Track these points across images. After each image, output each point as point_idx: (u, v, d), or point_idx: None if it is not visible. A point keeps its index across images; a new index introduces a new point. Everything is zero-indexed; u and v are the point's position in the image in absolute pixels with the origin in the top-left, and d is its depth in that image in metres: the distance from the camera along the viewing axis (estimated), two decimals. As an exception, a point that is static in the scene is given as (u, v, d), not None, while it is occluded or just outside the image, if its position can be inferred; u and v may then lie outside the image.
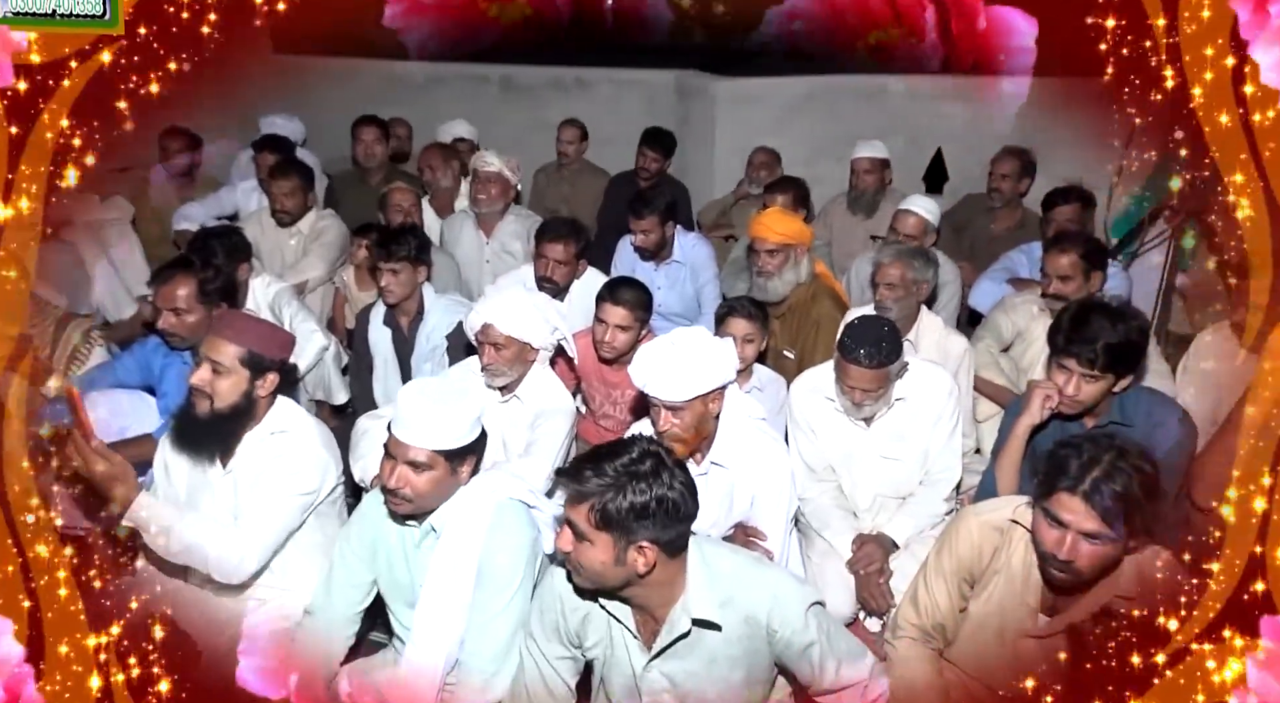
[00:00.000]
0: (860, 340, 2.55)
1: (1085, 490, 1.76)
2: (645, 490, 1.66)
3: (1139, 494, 1.75)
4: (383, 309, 3.35)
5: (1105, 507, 1.74)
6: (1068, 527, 1.78)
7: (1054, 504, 1.80)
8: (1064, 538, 1.78)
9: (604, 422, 3.26)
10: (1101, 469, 1.76)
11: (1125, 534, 1.78)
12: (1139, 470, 1.76)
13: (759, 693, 1.83)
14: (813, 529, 2.75)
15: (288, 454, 2.19)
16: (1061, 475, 1.79)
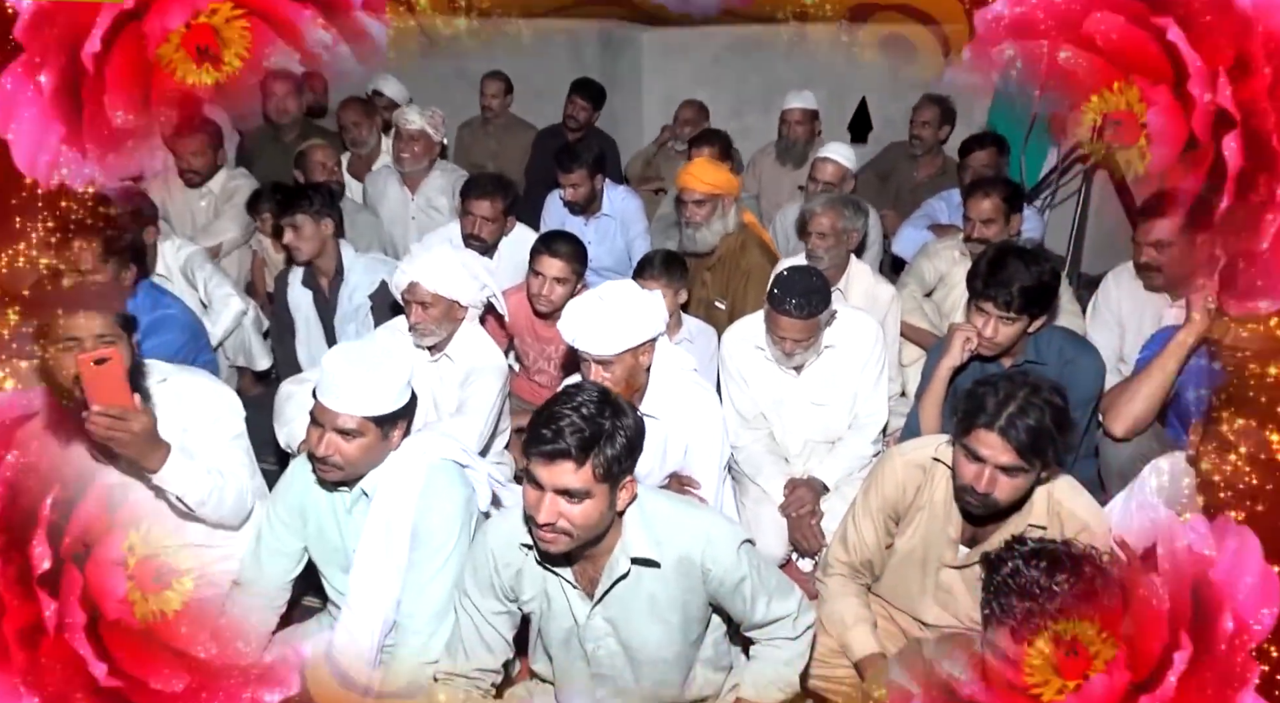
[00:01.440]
0: (790, 291, 2.58)
1: (1001, 426, 1.84)
2: (624, 428, 1.67)
3: (1051, 428, 1.84)
4: (301, 270, 3.26)
5: (1020, 441, 1.83)
6: (985, 461, 1.86)
7: (972, 440, 1.88)
8: (982, 472, 1.87)
9: (538, 378, 3.26)
10: (1016, 405, 1.84)
11: (1038, 465, 1.87)
12: (1051, 405, 1.85)
13: (695, 632, 1.88)
14: (746, 476, 2.82)
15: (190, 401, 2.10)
16: (979, 413, 1.87)
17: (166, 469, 1.94)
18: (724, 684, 1.99)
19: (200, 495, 2.00)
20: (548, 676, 1.96)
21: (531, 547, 1.80)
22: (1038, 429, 1.83)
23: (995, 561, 1.47)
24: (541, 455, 1.65)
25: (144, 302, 2.73)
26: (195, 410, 2.11)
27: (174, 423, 2.13)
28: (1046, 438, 1.83)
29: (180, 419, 2.12)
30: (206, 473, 2.01)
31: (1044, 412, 1.84)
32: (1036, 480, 1.92)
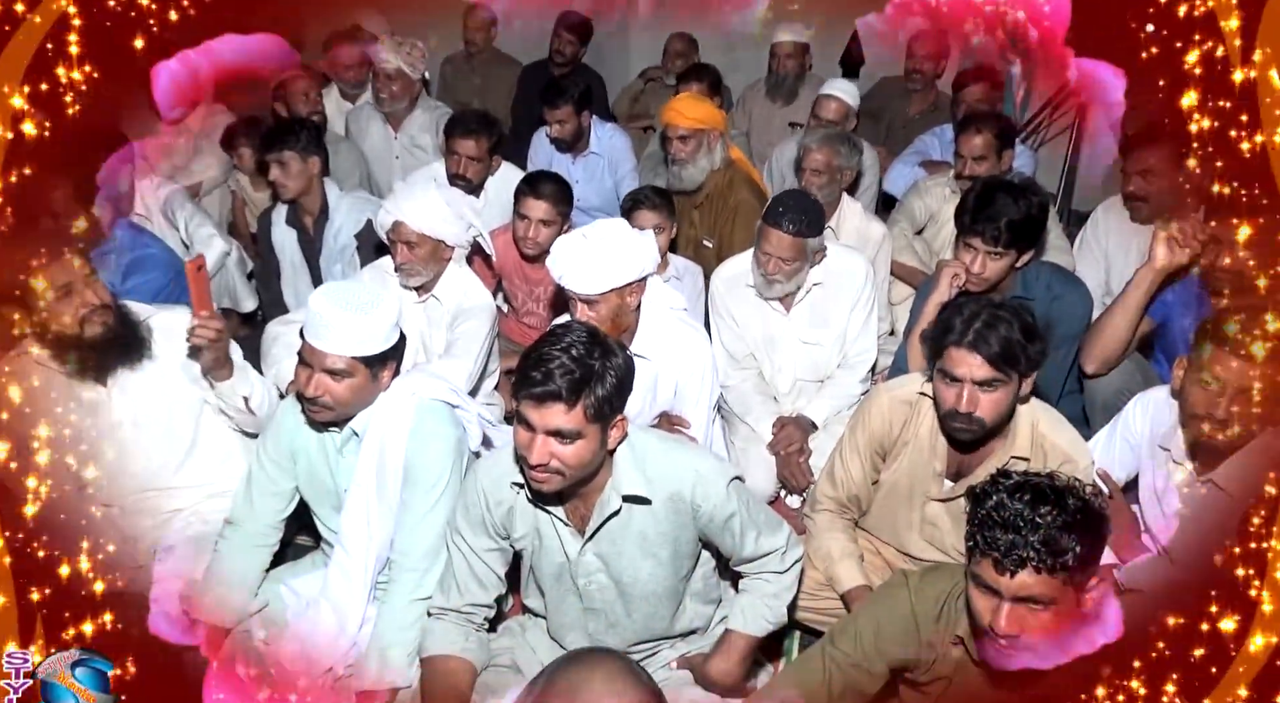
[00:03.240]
0: (786, 206, 2.60)
1: (970, 341, 1.87)
2: (614, 368, 1.67)
3: (1020, 338, 1.87)
4: (285, 209, 3.20)
5: (992, 352, 1.86)
6: (962, 380, 1.89)
7: (947, 362, 1.91)
8: (961, 391, 1.89)
9: (528, 319, 3.24)
10: (982, 321, 1.88)
11: (1016, 377, 1.90)
12: (1017, 317, 1.89)
13: (684, 568, 1.91)
14: (735, 415, 2.83)
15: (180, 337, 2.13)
16: (948, 333, 1.90)
17: (238, 375, 2.11)
18: (713, 617, 2.03)
19: (259, 397, 2.18)
20: (540, 610, 1.99)
21: (523, 486, 1.82)
22: (1007, 339, 1.86)
23: (980, 494, 1.49)
24: (532, 398, 1.65)
25: (124, 241, 2.69)
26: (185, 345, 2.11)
27: (169, 360, 2.14)
28: (1017, 347, 1.87)
29: (174, 356, 2.13)
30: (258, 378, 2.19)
31: (1011, 323, 1.88)
32: (1016, 399, 1.95)
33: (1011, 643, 1.44)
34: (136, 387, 2.16)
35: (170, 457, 2.23)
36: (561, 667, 1.16)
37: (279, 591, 2.10)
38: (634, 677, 1.16)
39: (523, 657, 1.96)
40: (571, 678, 1.13)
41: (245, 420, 2.23)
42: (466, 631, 1.90)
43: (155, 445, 2.20)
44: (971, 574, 1.49)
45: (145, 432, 2.19)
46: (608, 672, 1.14)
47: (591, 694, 1.11)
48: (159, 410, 2.19)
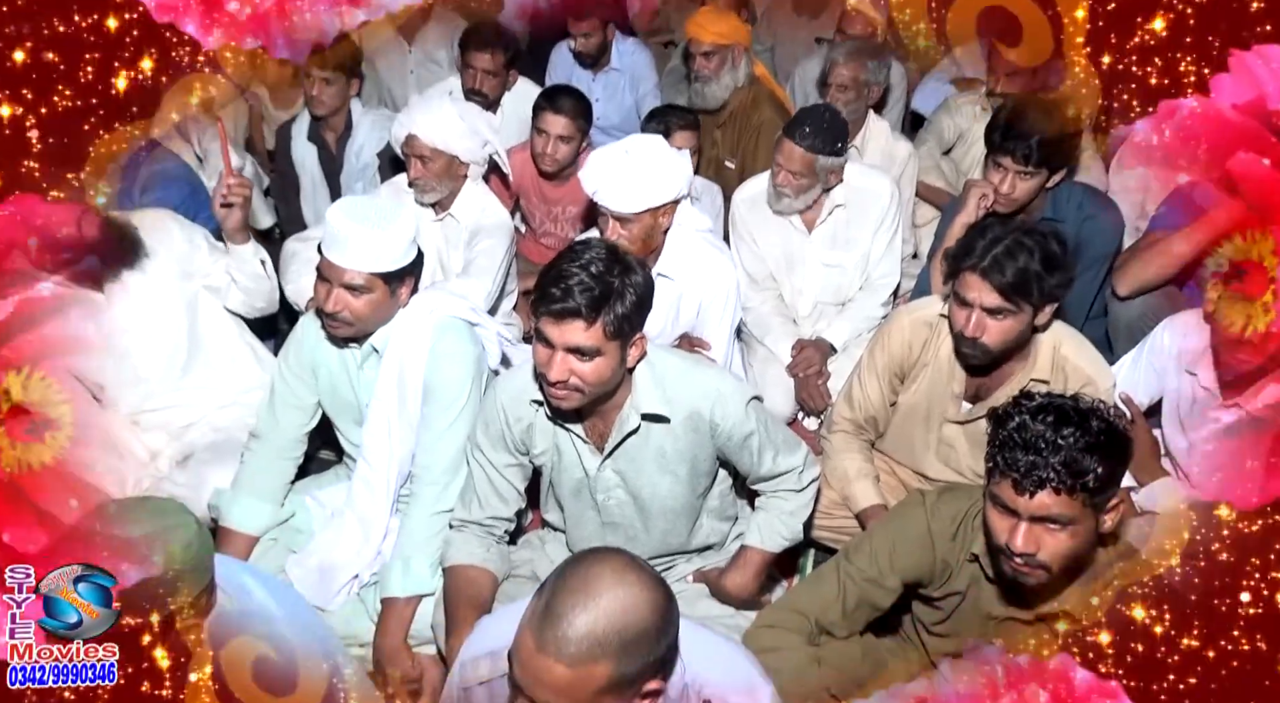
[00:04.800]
0: (803, 118, 2.55)
1: (984, 267, 1.83)
2: (633, 286, 1.66)
3: (1039, 269, 1.83)
4: (305, 125, 3.16)
5: (1004, 282, 1.83)
6: (972, 305, 1.86)
7: (960, 284, 1.88)
8: (969, 316, 1.87)
9: (545, 239, 3.21)
10: (1003, 247, 1.83)
11: (1029, 308, 1.86)
12: (1041, 247, 1.83)
13: (702, 485, 1.93)
14: (754, 337, 2.82)
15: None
16: (967, 256, 1.86)
17: (252, 242, 2.24)
18: (729, 533, 2.06)
19: (267, 269, 2.30)
20: (559, 525, 2.02)
21: (542, 403, 1.82)
22: (1024, 269, 1.82)
23: (1001, 415, 1.48)
24: (551, 314, 1.64)
25: (141, 156, 2.66)
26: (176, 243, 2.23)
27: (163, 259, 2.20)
28: (1033, 278, 1.83)
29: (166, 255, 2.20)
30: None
31: (1032, 253, 1.83)
32: (1031, 328, 1.92)
33: (1027, 561, 1.45)
34: (134, 289, 2.20)
35: (175, 358, 2.27)
36: (570, 565, 1.19)
37: (304, 502, 2.15)
38: (641, 570, 1.19)
39: (542, 569, 2.00)
40: (581, 574, 1.16)
41: (258, 290, 2.31)
42: (487, 542, 1.94)
43: (158, 348, 2.25)
44: (990, 494, 1.49)
45: (147, 334, 2.23)
46: (616, 566, 1.17)
47: (601, 587, 1.14)
48: (158, 311, 2.24)
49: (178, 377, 2.28)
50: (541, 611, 1.15)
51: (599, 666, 1.12)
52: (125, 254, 2.16)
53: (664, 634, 1.18)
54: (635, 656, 1.14)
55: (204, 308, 2.31)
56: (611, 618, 1.13)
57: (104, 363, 2.19)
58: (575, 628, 1.12)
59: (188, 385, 2.29)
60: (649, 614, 1.15)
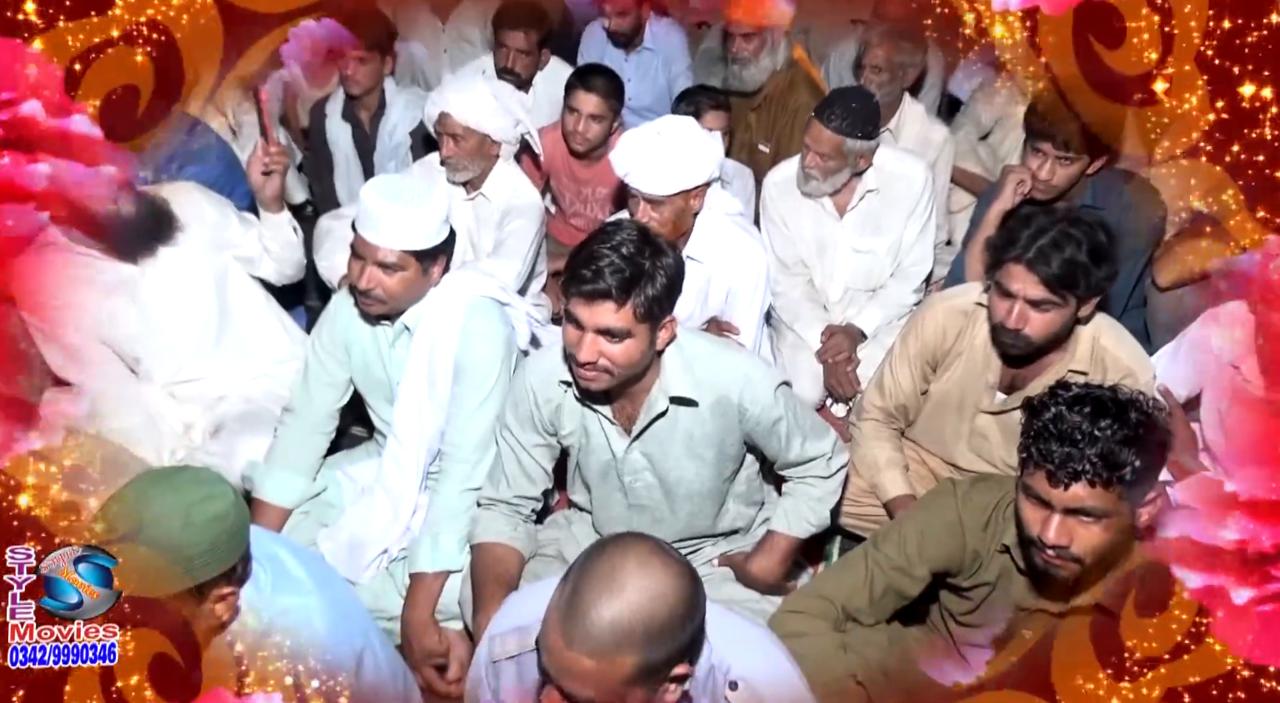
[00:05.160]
0: (834, 100, 2.52)
1: (1030, 259, 1.80)
2: (664, 268, 1.65)
3: (1086, 261, 1.79)
4: (340, 103, 3.17)
5: (1049, 273, 1.79)
6: (1015, 296, 1.83)
7: (1003, 275, 1.85)
8: (1012, 307, 1.84)
9: (575, 220, 3.21)
10: (1049, 238, 1.79)
11: (1074, 301, 1.83)
12: (1089, 238, 1.79)
13: (729, 469, 1.93)
14: (783, 323, 2.80)
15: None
16: (1010, 246, 1.83)
17: (286, 210, 2.31)
18: (755, 518, 2.06)
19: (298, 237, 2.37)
20: (586, 505, 2.03)
21: (571, 384, 1.83)
22: (1070, 261, 1.78)
23: (1037, 406, 1.45)
24: (581, 296, 1.64)
25: (177, 129, 2.69)
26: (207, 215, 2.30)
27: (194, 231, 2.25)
28: (1079, 270, 1.79)
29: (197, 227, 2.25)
30: None
31: (1080, 244, 1.78)
32: (1074, 320, 1.89)
33: (1060, 554, 1.43)
34: (166, 261, 2.23)
35: (206, 330, 2.30)
36: (594, 554, 1.19)
37: (336, 477, 2.18)
38: (665, 557, 1.18)
39: (568, 549, 2.01)
40: (605, 564, 1.16)
41: (290, 258, 2.38)
42: (515, 521, 1.95)
43: (191, 320, 2.28)
44: (1023, 485, 1.47)
45: (180, 307, 2.27)
46: (639, 555, 1.17)
47: (625, 577, 1.14)
48: (191, 284, 2.27)
49: (210, 349, 2.32)
50: (567, 603, 1.14)
51: (626, 657, 1.12)
52: (159, 228, 2.20)
53: (690, 620, 1.18)
54: (662, 644, 1.14)
55: (234, 281, 2.35)
56: (637, 609, 1.12)
57: (139, 335, 2.24)
58: (601, 621, 1.12)
59: (219, 357, 2.33)
60: (674, 602, 1.15)
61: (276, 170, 2.27)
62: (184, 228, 2.24)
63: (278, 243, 2.34)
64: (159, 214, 2.21)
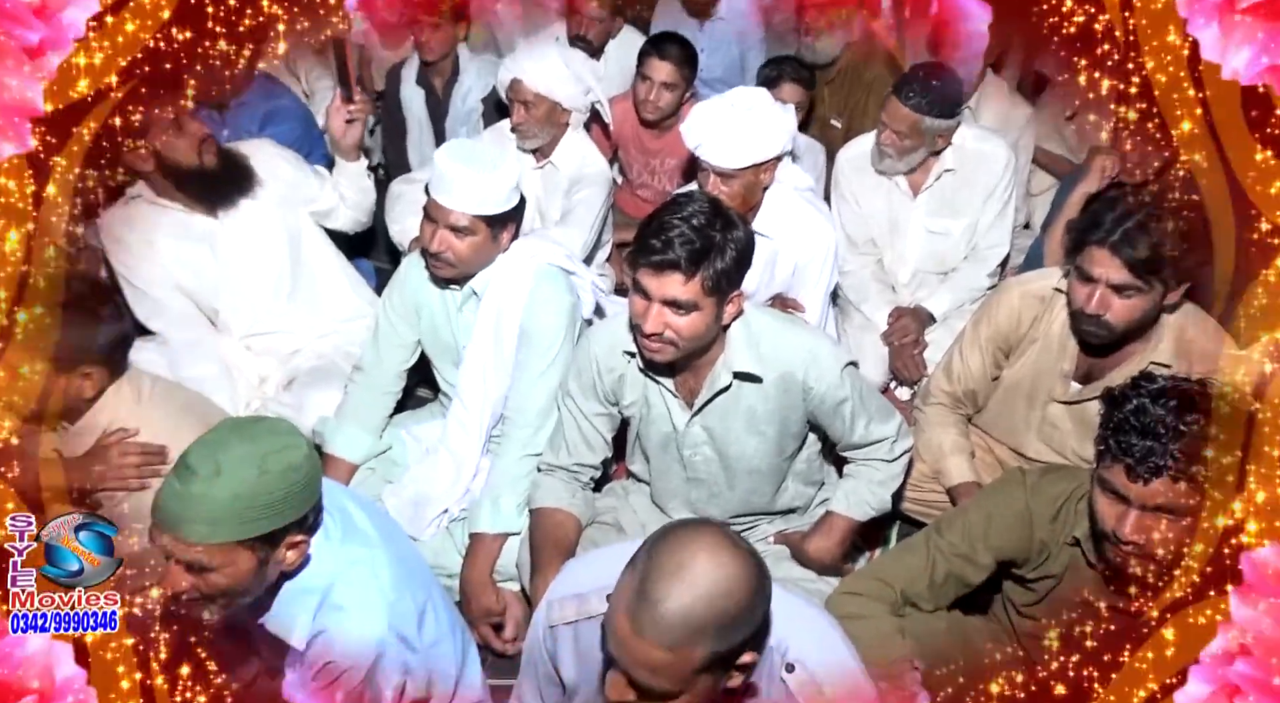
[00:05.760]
0: (913, 76, 2.46)
1: (1114, 242, 1.73)
2: (734, 242, 1.64)
3: (1174, 245, 1.71)
4: (415, 68, 3.20)
5: (1133, 258, 1.72)
6: (1097, 281, 1.76)
7: (1085, 259, 1.78)
8: (1093, 292, 1.77)
9: (641, 191, 3.19)
10: (1135, 221, 1.72)
11: (1159, 287, 1.76)
12: (1178, 221, 1.70)
13: (790, 447, 1.91)
14: (850, 302, 2.76)
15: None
16: (1094, 229, 1.76)
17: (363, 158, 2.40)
18: (814, 498, 2.04)
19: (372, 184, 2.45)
20: (644, 476, 2.04)
21: (634, 355, 1.83)
22: (1157, 246, 1.71)
23: (1119, 397, 1.40)
24: (650, 266, 1.63)
25: (258, 90, 2.76)
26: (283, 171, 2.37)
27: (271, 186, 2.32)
28: (1166, 256, 1.71)
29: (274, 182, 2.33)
30: None
31: (1168, 229, 1.70)
32: (1159, 308, 1.81)
33: (1136, 550, 1.38)
34: (245, 215, 2.30)
35: (281, 285, 2.37)
36: (663, 542, 1.17)
37: (401, 436, 2.23)
38: (735, 546, 1.17)
39: (625, 518, 2.03)
40: (675, 554, 1.14)
41: (364, 204, 2.45)
42: (573, 488, 1.97)
43: (267, 274, 2.35)
44: (1099, 478, 1.42)
45: (257, 260, 2.33)
46: (709, 545, 1.15)
47: (697, 568, 1.13)
48: (267, 238, 2.34)
49: (284, 303, 2.39)
50: (636, 591, 1.13)
51: (697, 648, 1.12)
52: (240, 181, 2.27)
53: (758, 610, 1.18)
54: (732, 635, 1.14)
55: (307, 237, 2.42)
56: (709, 602, 1.11)
57: (217, 287, 2.31)
58: (673, 613, 1.11)
59: (293, 312, 2.40)
60: (745, 594, 1.14)
61: (359, 119, 2.33)
62: (262, 183, 2.31)
63: (354, 190, 2.41)
64: (240, 168, 2.27)
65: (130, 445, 1.72)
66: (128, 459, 1.70)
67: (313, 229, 2.43)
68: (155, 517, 1.28)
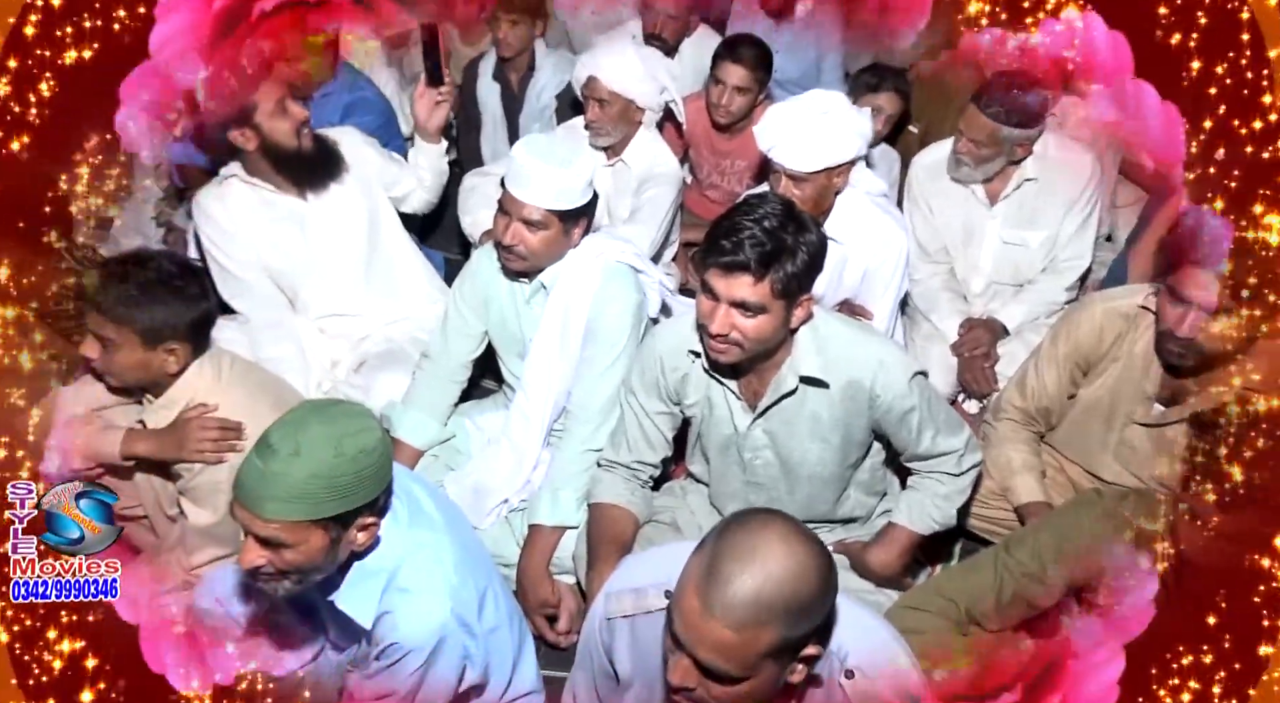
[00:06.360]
0: (993, 84, 2.39)
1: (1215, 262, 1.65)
2: (806, 245, 1.63)
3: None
4: (492, 63, 3.24)
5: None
6: (1190, 303, 1.69)
7: (1178, 279, 1.70)
8: (1185, 315, 1.70)
9: (710, 192, 3.18)
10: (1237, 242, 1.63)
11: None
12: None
13: (854, 456, 1.88)
14: (919, 311, 2.70)
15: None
16: (1191, 248, 1.67)
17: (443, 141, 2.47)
18: (875, 508, 2.01)
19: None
20: (703, 477, 2.03)
21: (699, 355, 1.82)
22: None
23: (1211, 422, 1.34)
24: (719, 267, 1.62)
25: (342, 82, 2.84)
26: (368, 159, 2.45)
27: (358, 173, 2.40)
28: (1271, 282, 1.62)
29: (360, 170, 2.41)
30: None
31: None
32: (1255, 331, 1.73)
33: None
34: (332, 198, 2.36)
35: (358, 269, 2.43)
36: (734, 526, 1.18)
37: (465, 425, 2.26)
38: (806, 535, 1.17)
39: (682, 517, 2.02)
40: (747, 537, 1.15)
41: (438, 185, 2.53)
42: (632, 485, 1.97)
43: (346, 258, 2.41)
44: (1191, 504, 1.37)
45: (338, 243, 2.39)
46: (781, 531, 1.16)
47: (769, 552, 1.13)
48: (349, 222, 2.39)
49: (360, 287, 2.45)
50: (706, 571, 1.14)
51: (765, 631, 1.12)
52: (330, 165, 2.34)
53: (827, 600, 1.17)
54: (801, 621, 1.14)
55: (385, 224, 2.47)
56: (781, 585, 1.11)
57: (300, 268, 2.38)
58: (744, 593, 1.11)
59: (367, 296, 2.46)
60: (815, 581, 1.14)
61: (446, 101, 2.40)
62: (349, 168, 2.38)
63: (432, 172, 2.49)
64: (331, 153, 2.35)
65: (209, 421, 1.78)
66: (206, 434, 1.77)
67: (391, 216, 2.48)
68: (236, 493, 1.32)
